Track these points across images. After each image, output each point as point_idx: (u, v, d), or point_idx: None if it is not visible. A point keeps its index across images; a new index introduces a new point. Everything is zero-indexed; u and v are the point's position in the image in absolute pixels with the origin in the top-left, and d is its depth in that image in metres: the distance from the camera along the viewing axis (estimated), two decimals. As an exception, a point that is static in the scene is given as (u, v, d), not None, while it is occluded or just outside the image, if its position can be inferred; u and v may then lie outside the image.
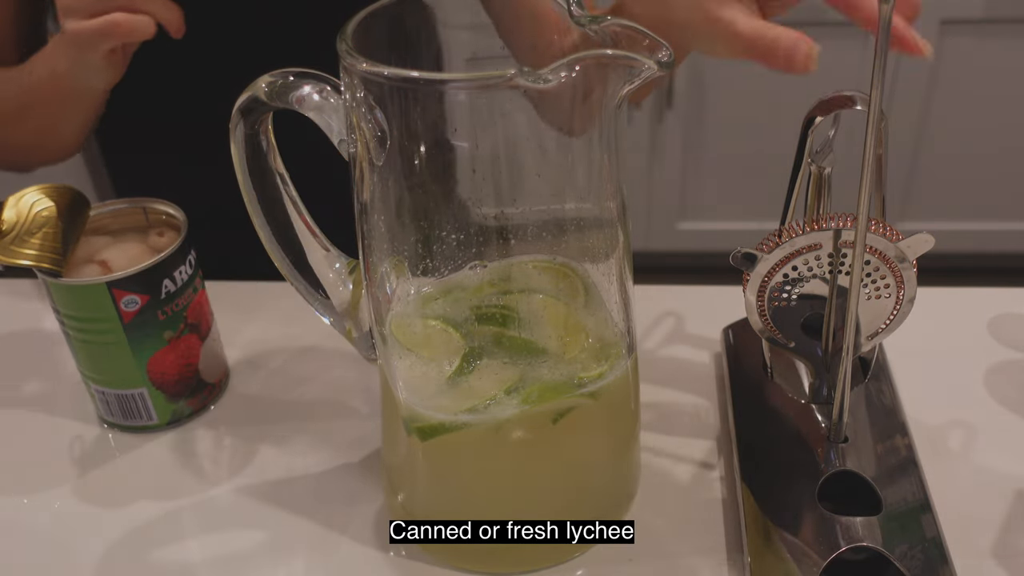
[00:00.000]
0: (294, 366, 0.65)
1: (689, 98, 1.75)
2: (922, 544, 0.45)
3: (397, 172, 0.42)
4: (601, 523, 0.50)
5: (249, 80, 0.44)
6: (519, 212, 0.44)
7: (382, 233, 0.44)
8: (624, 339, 0.47)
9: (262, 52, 0.59)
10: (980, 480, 0.53)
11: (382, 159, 0.41)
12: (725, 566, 0.49)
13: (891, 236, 0.47)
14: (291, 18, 0.75)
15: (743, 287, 0.50)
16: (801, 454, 0.50)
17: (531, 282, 0.47)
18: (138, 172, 0.82)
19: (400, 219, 0.43)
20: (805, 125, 0.48)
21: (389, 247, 0.44)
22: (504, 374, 0.44)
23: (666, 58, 0.38)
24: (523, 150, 0.46)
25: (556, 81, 0.36)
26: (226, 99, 0.46)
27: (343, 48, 0.39)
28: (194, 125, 0.72)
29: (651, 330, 0.66)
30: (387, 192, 0.43)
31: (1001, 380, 0.60)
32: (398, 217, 0.43)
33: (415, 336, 0.46)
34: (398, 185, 0.42)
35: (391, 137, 0.41)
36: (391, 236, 0.44)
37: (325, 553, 0.51)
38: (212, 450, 0.58)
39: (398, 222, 0.43)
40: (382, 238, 0.44)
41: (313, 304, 0.50)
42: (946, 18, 1.63)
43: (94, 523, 0.53)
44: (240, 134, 0.45)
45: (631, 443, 0.51)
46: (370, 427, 0.59)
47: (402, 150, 0.41)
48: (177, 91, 0.76)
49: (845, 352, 0.46)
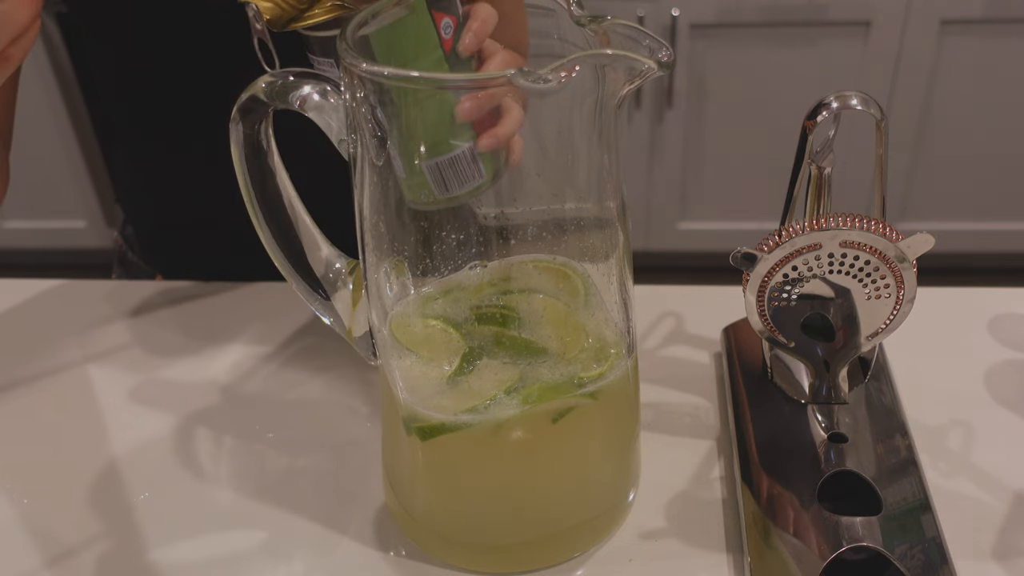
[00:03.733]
0: (294, 366, 0.65)
1: (689, 98, 1.75)
2: (922, 544, 0.45)
3: (397, 172, 0.42)
4: (601, 523, 0.50)
5: (249, 80, 0.44)
6: (519, 212, 0.44)
7: (382, 233, 0.44)
8: (624, 339, 0.47)
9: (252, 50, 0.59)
10: (980, 480, 0.53)
11: (382, 159, 0.41)
12: (725, 566, 0.49)
13: (891, 236, 0.47)
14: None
15: (743, 287, 0.50)
16: (801, 454, 0.50)
17: (531, 282, 0.47)
18: (139, 173, 0.82)
19: (400, 219, 0.43)
20: (805, 125, 0.48)
21: (389, 247, 0.44)
22: (504, 374, 0.44)
23: (666, 58, 0.38)
24: (523, 150, 0.46)
25: (556, 81, 0.36)
26: (226, 99, 0.46)
27: (343, 48, 0.39)
28: (195, 126, 0.72)
29: (651, 330, 0.66)
30: (387, 192, 0.43)
31: (1001, 380, 0.60)
32: (398, 217, 0.43)
33: (415, 336, 0.46)
34: (398, 185, 0.43)
35: (391, 137, 0.41)
36: (391, 236, 0.44)
37: (325, 553, 0.51)
38: (212, 450, 0.58)
39: (398, 222, 0.43)
40: (382, 238, 0.44)
41: (313, 304, 0.50)
42: (946, 18, 1.63)
43: (93, 522, 0.53)
44: (240, 134, 0.45)
45: (631, 443, 0.51)
46: (370, 427, 0.59)
47: (402, 150, 0.41)
48: (177, 91, 0.76)
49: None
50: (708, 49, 1.70)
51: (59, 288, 0.74)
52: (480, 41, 0.48)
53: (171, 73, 0.72)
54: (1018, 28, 1.64)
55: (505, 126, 0.46)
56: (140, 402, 0.62)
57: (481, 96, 0.43)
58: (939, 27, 1.64)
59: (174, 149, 0.77)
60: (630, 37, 0.40)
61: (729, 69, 1.72)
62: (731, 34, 1.68)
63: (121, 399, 0.62)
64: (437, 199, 0.46)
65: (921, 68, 1.69)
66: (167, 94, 0.73)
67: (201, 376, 0.64)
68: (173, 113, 0.74)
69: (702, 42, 1.69)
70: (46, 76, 1.81)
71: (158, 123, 0.76)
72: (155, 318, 0.70)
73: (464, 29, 0.47)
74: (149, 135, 0.77)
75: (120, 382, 0.64)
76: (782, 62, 1.70)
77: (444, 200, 0.47)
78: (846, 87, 0.47)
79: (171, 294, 0.73)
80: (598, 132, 0.41)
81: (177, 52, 0.69)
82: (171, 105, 0.74)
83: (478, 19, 0.48)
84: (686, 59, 1.71)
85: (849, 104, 0.47)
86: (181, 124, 0.74)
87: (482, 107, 0.43)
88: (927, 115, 1.75)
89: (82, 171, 1.95)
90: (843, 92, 0.47)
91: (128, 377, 0.64)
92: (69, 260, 2.04)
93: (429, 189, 0.45)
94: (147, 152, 0.79)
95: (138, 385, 0.64)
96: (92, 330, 0.69)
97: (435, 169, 0.47)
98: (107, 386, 0.64)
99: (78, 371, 0.65)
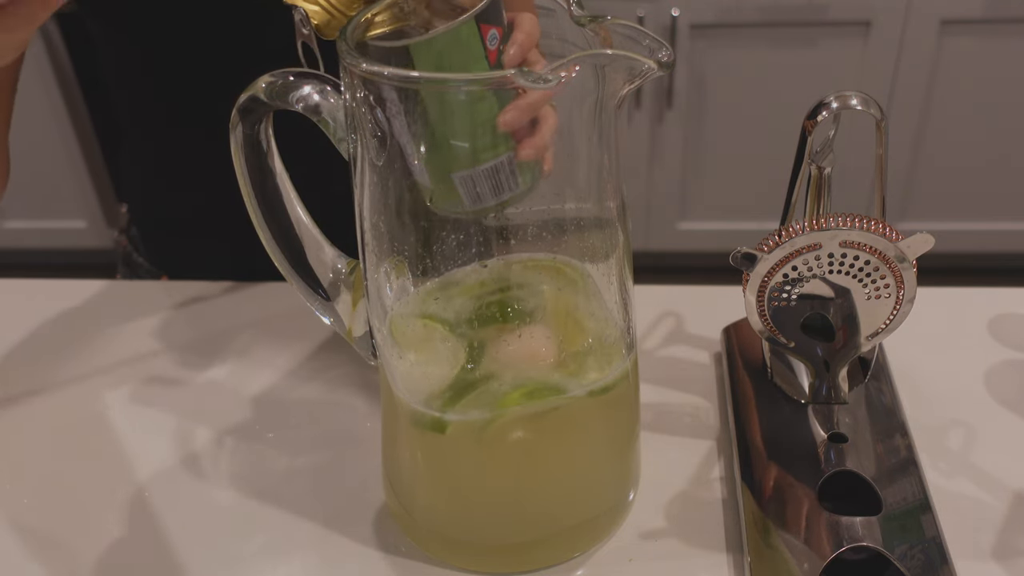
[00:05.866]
0: (294, 366, 0.65)
1: (689, 98, 1.75)
2: (922, 544, 0.45)
3: (397, 172, 0.42)
4: (601, 523, 0.50)
5: (249, 80, 0.44)
6: (519, 212, 0.44)
7: (382, 233, 0.44)
8: (624, 339, 0.47)
9: (262, 52, 0.59)
10: (980, 480, 0.53)
11: (382, 159, 0.41)
12: (725, 566, 0.49)
13: (891, 236, 0.47)
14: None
15: (743, 287, 0.50)
16: (801, 454, 0.51)
17: (531, 282, 0.47)
18: (146, 174, 0.82)
19: (400, 219, 0.43)
20: (805, 125, 0.48)
21: (389, 247, 0.44)
22: (504, 374, 0.44)
23: (666, 58, 0.38)
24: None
25: (556, 81, 0.36)
26: (226, 99, 0.46)
27: (343, 48, 0.39)
28: (204, 126, 0.72)
29: (651, 330, 0.66)
30: (387, 192, 0.43)
31: (1001, 380, 0.60)
32: (398, 217, 0.43)
33: (415, 336, 0.46)
34: (398, 185, 0.43)
35: (391, 137, 0.41)
36: (391, 236, 0.44)
37: (325, 553, 0.51)
38: (212, 450, 0.58)
39: (398, 222, 0.43)
40: (382, 238, 0.44)
41: (313, 304, 0.50)
42: (946, 18, 1.63)
43: (93, 522, 0.53)
44: (240, 134, 0.45)
45: (631, 443, 0.51)
46: (370, 427, 0.59)
47: (402, 150, 0.41)
48: (188, 91, 0.76)
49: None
50: (708, 49, 1.70)
51: (63, 288, 0.74)
52: (525, 53, 0.46)
53: (183, 72, 0.71)
54: (1018, 28, 1.64)
55: (543, 134, 0.45)
56: (140, 401, 0.62)
57: (523, 105, 0.42)
58: (939, 27, 1.64)
59: (181, 149, 0.77)
60: (630, 37, 0.40)
61: (729, 69, 1.72)
62: (731, 34, 1.68)
63: (122, 398, 0.62)
64: (468, 209, 0.45)
65: (921, 68, 1.69)
66: (177, 94, 0.73)
67: (201, 376, 0.64)
68: (182, 112, 0.74)
69: (702, 42, 1.69)
70: (46, 76, 1.81)
71: (166, 123, 0.76)
72: (157, 318, 0.70)
73: (509, 40, 0.46)
74: (157, 135, 0.77)
75: (121, 381, 0.64)
76: (782, 62, 1.70)
77: (474, 211, 0.46)
78: (846, 87, 0.47)
79: (174, 294, 0.73)
80: (598, 132, 0.41)
81: (189, 52, 0.69)
82: (181, 105, 0.74)
83: (523, 31, 0.46)
84: (686, 59, 1.71)
85: (849, 104, 0.47)
86: (189, 124, 0.74)
87: (524, 117, 0.42)
88: (927, 115, 1.75)
89: (82, 171, 1.95)
90: (843, 92, 0.47)
91: (129, 376, 0.64)
92: (69, 260, 2.05)
93: (458, 199, 0.44)
94: (154, 152, 0.79)
95: (138, 384, 0.64)
96: (94, 330, 0.69)
97: (468, 180, 0.45)
98: (108, 385, 0.64)
99: (80, 370, 0.65)
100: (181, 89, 0.73)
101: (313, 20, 0.47)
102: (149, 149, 0.79)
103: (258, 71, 0.44)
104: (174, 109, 0.75)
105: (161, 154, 0.79)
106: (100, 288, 0.75)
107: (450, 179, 0.44)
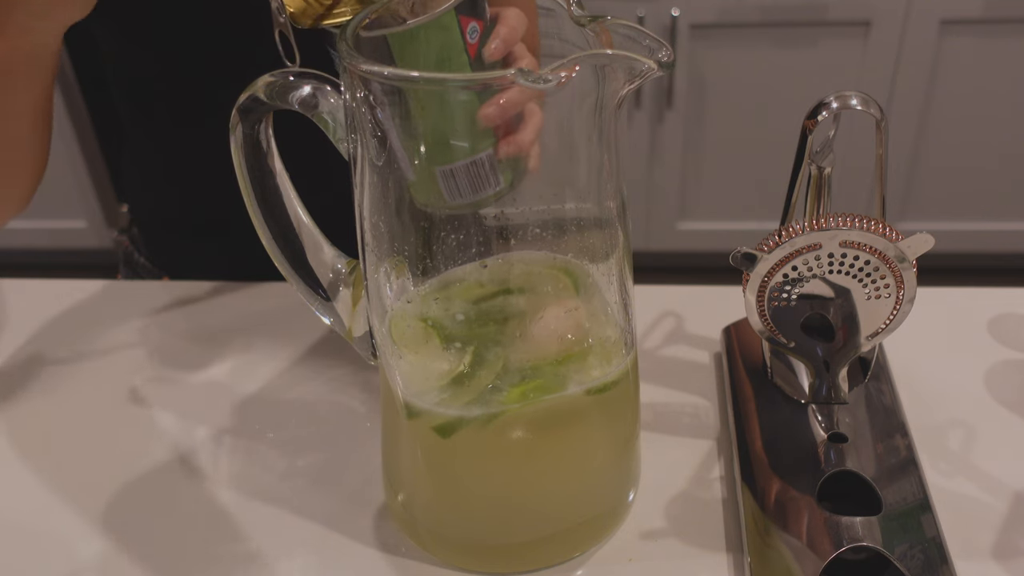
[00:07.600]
0: (294, 366, 0.65)
1: (689, 98, 1.75)
2: (922, 544, 0.45)
3: (397, 172, 0.42)
4: (601, 523, 0.50)
5: (249, 80, 0.44)
6: (519, 212, 0.44)
7: (382, 233, 0.44)
8: (624, 339, 0.47)
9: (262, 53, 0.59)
10: (980, 480, 0.53)
11: (382, 159, 0.41)
12: (725, 566, 0.49)
13: (891, 236, 0.47)
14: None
15: (743, 287, 0.50)
16: (801, 454, 0.51)
17: (531, 281, 0.47)
18: (142, 175, 0.82)
19: (400, 219, 0.43)
20: (805, 125, 0.48)
21: (389, 247, 0.44)
22: (504, 374, 0.44)
23: (666, 58, 0.38)
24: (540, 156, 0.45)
25: (556, 81, 0.36)
26: (226, 99, 0.46)
27: (343, 48, 0.39)
28: (206, 125, 0.72)
29: (651, 330, 0.66)
30: (387, 192, 0.43)
31: (1001, 380, 0.60)
32: (398, 217, 0.43)
33: (415, 336, 0.46)
34: (398, 185, 0.43)
35: (399, 140, 0.41)
36: (391, 236, 0.44)
37: (325, 553, 0.51)
38: (212, 450, 0.58)
39: (398, 222, 0.43)
40: (382, 238, 0.44)
41: (313, 304, 0.50)
42: (946, 18, 1.63)
43: (93, 522, 0.53)
44: (240, 134, 0.45)
45: (631, 443, 0.51)
46: (370, 427, 0.59)
47: (412, 153, 0.41)
48: (191, 90, 0.76)
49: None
50: (708, 49, 1.70)
51: (63, 288, 0.74)
52: (508, 47, 0.45)
53: (184, 73, 0.71)
54: (1018, 28, 1.64)
55: (527, 132, 0.44)
56: (140, 402, 0.62)
57: (505, 101, 0.40)
58: (939, 27, 1.64)
59: (183, 149, 0.77)
60: (630, 37, 0.40)
61: (729, 69, 1.72)
62: (731, 34, 1.68)
63: (122, 398, 0.62)
64: (447, 204, 0.45)
65: (921, 68, 1.69)
66: (179, 94, 0.73)
67: (201, 376, 0.64)
68: (183, 113, 0.74)
69: (702, 42, 1.69)
70: (46, 76, 1.81)
71: (167, 123, 0.76)
72: (158, 318, 0.70)
73: (492, 34, 0.46)
74: (158, 136, 0.77)
75: (121, 381, 0.64)
76: (782, 62, 1.70)
77: (453, 206, 0.45)
78: (846, 87, 0.47)
79: (174, 294, 0.73)
80: (598, 132, 0.41)
81: (191, 53, 0.69)
82: (183, 105, 0.74)
83: (507, 25, 0.45)
84: (686, 59, 1.71)
85: (849, 104, 0.47)
86: (191, 124, 0.74)
87: (506, 112, 0.41)
88: (927, 115, 1.75)
89: (82, 171, 1.95)
90: (843, 92, 0.47)
91: (129, 376, 0.64)
92: (69, 260, 2.04)
93: (439, 193, 0.44)
94: (155, 153, 0.79)
95: (138, 384, 0.64)
96: (96, 329, 0.69)
97: (449, 175, 0.45)
98: (108, 385, 0.64)
99: (81, 370, 0.65)
100: (183, 90, 0.73)
101: (288, 8, 0.46)
102: (150, 149, 0.79)
103: (258, 71, 0.44)
104: (176, 110, 0.75)
105: (162, 154, 0.79)
106: (100, 288, 0.75)
107: (432, 173, 0.44)
